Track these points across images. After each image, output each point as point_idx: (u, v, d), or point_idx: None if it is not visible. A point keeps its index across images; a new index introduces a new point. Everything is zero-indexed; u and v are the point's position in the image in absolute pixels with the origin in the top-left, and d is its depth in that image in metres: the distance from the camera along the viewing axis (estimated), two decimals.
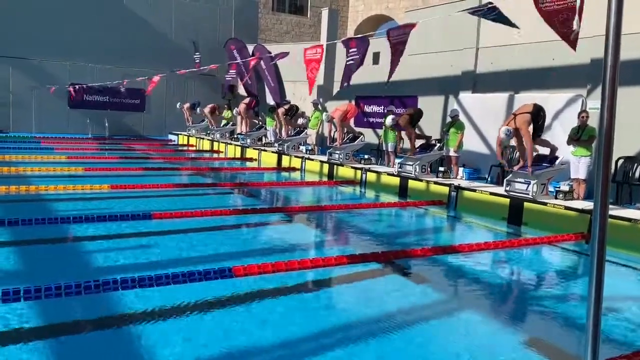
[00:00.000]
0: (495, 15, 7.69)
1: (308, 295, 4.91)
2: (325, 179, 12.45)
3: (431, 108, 12.39)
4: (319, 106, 15.05)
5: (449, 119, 10.89)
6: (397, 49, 8.93)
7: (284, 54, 12.51)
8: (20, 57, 19.56)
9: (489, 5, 7.70)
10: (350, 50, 10.31)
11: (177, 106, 20.57)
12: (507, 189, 8.62)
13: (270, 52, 19.01)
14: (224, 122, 19.60)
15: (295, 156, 13.92)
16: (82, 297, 4.10)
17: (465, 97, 11.93)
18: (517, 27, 8.06)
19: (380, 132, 13.38)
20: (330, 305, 4.69)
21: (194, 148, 19.04)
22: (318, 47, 10.90)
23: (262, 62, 18.81)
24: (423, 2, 22.69)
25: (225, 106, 20.62)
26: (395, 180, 10.67)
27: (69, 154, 14.02)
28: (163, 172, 11.78)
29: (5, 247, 5.69)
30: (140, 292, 4.29)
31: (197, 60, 20.55)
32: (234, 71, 17.16)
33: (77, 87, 19.36)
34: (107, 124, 20.33)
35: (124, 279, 4.28)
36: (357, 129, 14.97)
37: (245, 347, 3.60)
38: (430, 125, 12.19)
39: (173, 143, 20.51)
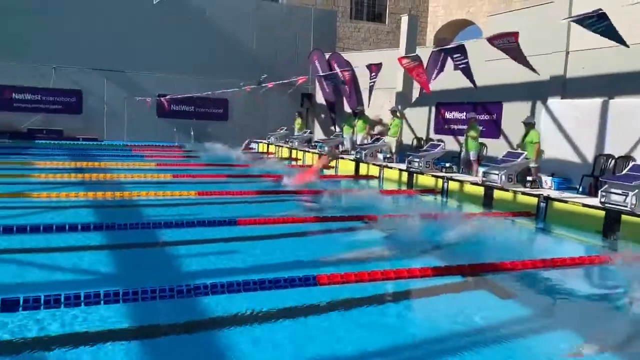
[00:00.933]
0: (602, 27, 7.09)
1: (391, 306, 4.84)
2: (404, 187, 12.29)
3: (517, 115, 11.91)
4: (398, 113, 14.91)
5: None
6: (511, 55, 9.57)
7: (378, 66, 13.17)
8: (114, 69, 20.89)
9: (599, 12, 7.11)
10: (455, 56, 10.66)
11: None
12: (603, 200, 8.10)
13: (346, 60, 19.14)
14: (296, 130, 20.09)
15: (374, 164, 13.85)
16: (174, 301, 4.26)
17: (554, 102, 11.37)
18: (626, 45, 7.48)
19: (462, 139, 13.04)
20: (414, 318, 4.60)
21: (273, 155, 19.44)
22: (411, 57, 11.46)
23: (338, 70, 18.98)
24: (506, 5, 21.95)
25: (297, 114, 20.98)
26: (480, 190, 10.34)
27: (158, 161, 14.75)
28: (246, 180, 12.11)
29: (103, 250, 6.06)
30: (228, 297, 4.40)
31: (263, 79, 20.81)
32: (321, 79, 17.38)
33: (167, 97, 20.42)
34: (192, 132, 21.24)
35: (214, 284, 4.41)
36: (437, 137, 14.69)
37: (328, 357, 3.60)
38: (516, 132, 11.72)
39: (254, 151, 21.05)
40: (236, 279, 4.56)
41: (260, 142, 21.30)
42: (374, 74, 13.84)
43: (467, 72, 10.85)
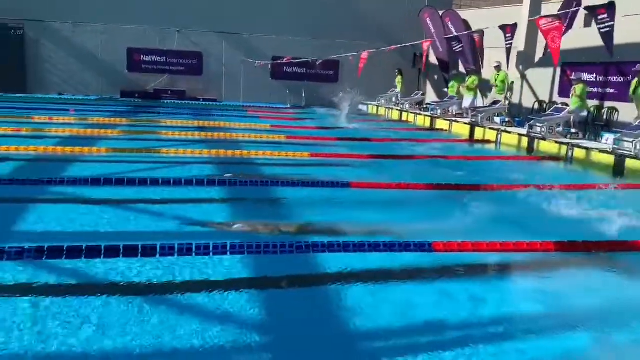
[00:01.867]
0: None
1: (507, 280, 4.68)
2: (524, 153, 11.64)
3: None
4: (500, 67, 14.10)
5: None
6: None
7: (512, 27, 12.64)
8: (233, 32, 21.63)
9: None
10: (600, 17, 9.76)
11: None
12: None
13: (463, 19, 18.22)
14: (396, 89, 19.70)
15: (490, 128, 13.24)
16: (292, 256, 4.43)
17: None
18: None
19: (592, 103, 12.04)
20: (532, 294, 4.39)
21: (383, 118, 19.27)
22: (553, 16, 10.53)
23: (453, 29, 18.15)
24: None
25: (397, 71, 20.44)
26: (609, 159, 9.53)
27: (272, 122, 15.21)
28: (355, 142, 12.13)
29: (227, 203, 6.44)
30: (342, 257, 4.50)
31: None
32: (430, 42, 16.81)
33: (283, 59, 20.90)
34: (304, 95, 21.60)
35: (331, 242, 4.52)
36: (561, 100, 13.69)
37: (432, 322, 3.61)
38: None
39: (364, 113, 20.98)
40: (352, 240, 4.64)
41: (370, 104, 21.16)
42: (509, 35, 13.18)
43: (609, 37, 9.81)
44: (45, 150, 8.81)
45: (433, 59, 20.92)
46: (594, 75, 13.18)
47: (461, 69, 18.06)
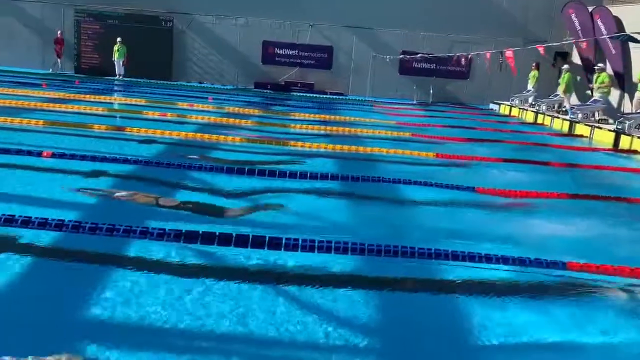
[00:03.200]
0: None
1: None
2: None
3: None
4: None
5: None
6: None
7: None
8: (363, 26, 21.72)
9: None
10: None
11: None
12: None
13: (614, 16, 16.62)
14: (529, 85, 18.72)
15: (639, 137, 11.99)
16: (413, 261, 4.35)
17: None
18: None
19: None
20: None
21: (516, 120, 18.27)
22: None
23: (602, 27, 16.67)
24: None
25: (533, 65, 19.08)
26: None
27: (398, 119, 15.08)
28: (484, 145, 11.63)
29: (342, 199, 6.51)
30: (466, 266, 4.34)
31: None
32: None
33: (411, 55, 20.64)
34: (431, 91, 21.13)
35: (455, 252, 4.37)
36: None
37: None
38: None
39: (494, 113, 20.05)
40: (478, 251, 4.45)
41: (503, 104, 20.15)
42: None
43: None
44: (186, 136, 9.50)
45: (575, 59, 19.38)
46: None
47: (608, 70, 16.52)
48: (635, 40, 11.80)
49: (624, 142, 12.37)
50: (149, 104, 13.70)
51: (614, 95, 15.92)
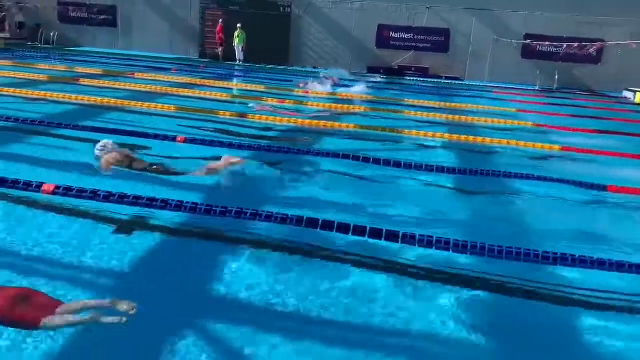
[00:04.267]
0: None
1: None
2: None
3: None
4: None
5: None
6: None
7: None
8: (483, 8, 20.77)
9: None
10: None
11: None
12: None
13: None
14: None
15: None
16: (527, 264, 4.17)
17: None
18: None
19: None
20: None
21: None
22: None
23: None
24: None
25: None
26: None
27: (518, 106, 14.32)
28: (616, 137, 10.70)
29: (459, 193, 6.33)
30: (593, 272, 4.09)
31: None
32: None
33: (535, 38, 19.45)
34: (557, 77, 19.78)
35: (583, 257, 4.13)
36: None
37: None
38: None
39: (628, 101, 18.34)
40: (589, 255, 4.16)
41: (639, 92, 18.36)
42: None
43: None
44: (303, 124, 9.75)
45: None
46: None
47: None
48: None
49: None
50: (267, 90, 14.20)
51: None
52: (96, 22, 24.09)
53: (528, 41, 20.19)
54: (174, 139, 7.31)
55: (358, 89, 15.03)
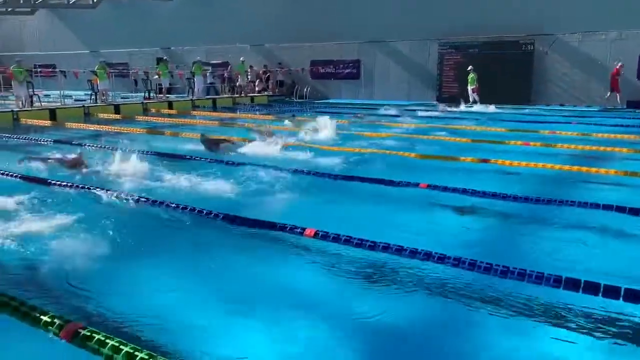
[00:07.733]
0: None
1: None
2: None
3: None
4: None
5: None
6: None
7: None
8: None
9: None
10: None
11: None
12: None
13: None
14: None
15: None
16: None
17: None
18: None
19: None
20: None
21: None
22: None
23: None
24: None
25: None
26: None
27: None
28: None
29: None
30: None
31: None
32: None
33: None
34: None
35: None
36: None
37: None
38: None
39: None
40: None
41: None
42: None
43: None
44: (552, 167, 8.91)
45: None
46: None
47: None
48: None
49: None
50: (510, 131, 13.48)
51: None
52: (341, 76, 26.30)
53: None
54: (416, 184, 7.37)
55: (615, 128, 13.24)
